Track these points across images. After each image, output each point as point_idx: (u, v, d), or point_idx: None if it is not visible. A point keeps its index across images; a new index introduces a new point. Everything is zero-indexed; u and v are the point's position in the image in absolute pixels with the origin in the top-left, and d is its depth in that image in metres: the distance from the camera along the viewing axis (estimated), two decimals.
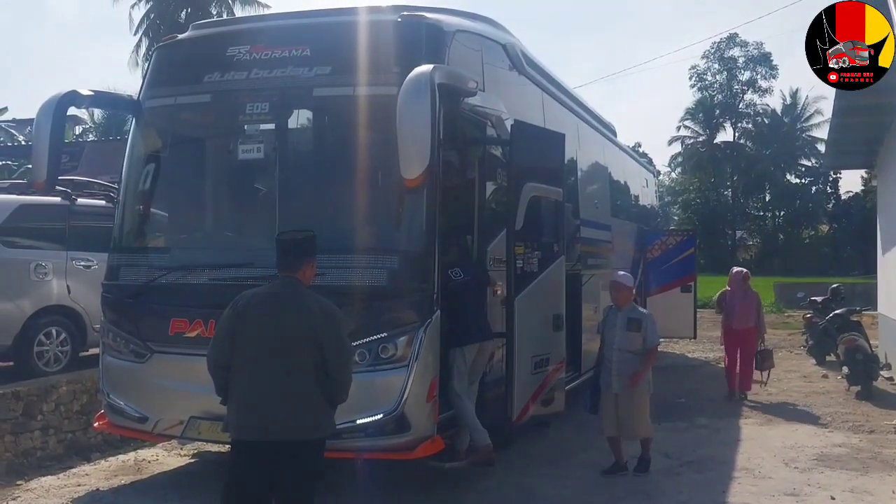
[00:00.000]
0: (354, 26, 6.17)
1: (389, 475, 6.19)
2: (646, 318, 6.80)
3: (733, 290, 10.62)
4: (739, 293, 10.55)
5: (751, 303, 10.52)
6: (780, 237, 54.84)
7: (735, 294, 10.59)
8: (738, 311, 10.47)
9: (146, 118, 6.74)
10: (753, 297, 10.60)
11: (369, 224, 6.01)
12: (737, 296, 10.56)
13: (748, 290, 10.61)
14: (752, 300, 10.56)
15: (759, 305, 10.64)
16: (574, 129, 9.32)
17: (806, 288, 20.32)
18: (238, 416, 4.08)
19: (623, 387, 6.63)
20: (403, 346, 5.51)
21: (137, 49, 33.49)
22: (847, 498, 6.23)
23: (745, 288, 10.60)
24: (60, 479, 6.88)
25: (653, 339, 6.77)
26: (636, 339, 6.66)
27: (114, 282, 6.52)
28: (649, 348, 6.74)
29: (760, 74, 55.67)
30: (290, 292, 4.12)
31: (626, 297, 6.85)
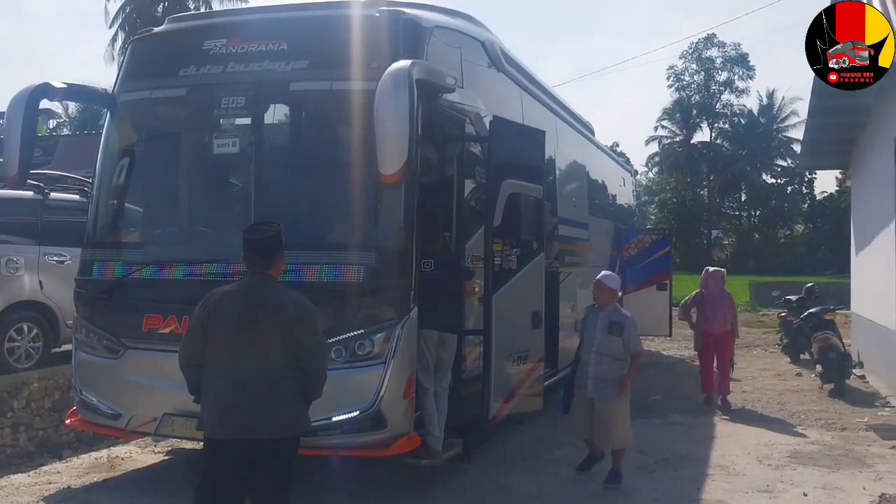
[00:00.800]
0: (332, 21, 6.13)
1: (365, 472, 6.16)
2: (628, 322, 6.52)
3: (711, 292, 9.99)
4: (718, 295, 9.98)
5: (728, 305, 10.02)
6: (756, 237, 55.38)
7: (714, 296, 9.97)
8: (718, 314, 9.85)
9: (121, 112, 6.65)
10: (729, 299, 10.18)
11: (346, 220, 5.97)
12: (716, 298, 9.94)
13: (724, 291, 10.15)
14: (729, 302, 10.12)
15: (734, 307, 10.24)
16: (552, 127, 9.33)
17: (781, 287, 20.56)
18: (212, 414, 4.03)
19: (601, 392, 6.41)
20: (380, 343, 5.49)
21: (113, 43, 33.24)
22: (819, 494, 6.29)
23: (723, 289, 10.13)
24: (31, 476, 6.79)
25: (636, 345, 6.53)
26: (616, 344, 6.43)
27: (87, 277, 6.44)
28: (633, 355, 6.51)
29: (737, 75, 56.30)
30: (263, 288, 4.08)
31: (609, 298, 6.61)
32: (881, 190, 11.23)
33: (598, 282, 6.71)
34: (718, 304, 9.89)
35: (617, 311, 6.62)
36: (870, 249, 12.66)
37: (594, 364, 6.46)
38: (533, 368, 6.96)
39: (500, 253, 6.47)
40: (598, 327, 6.50)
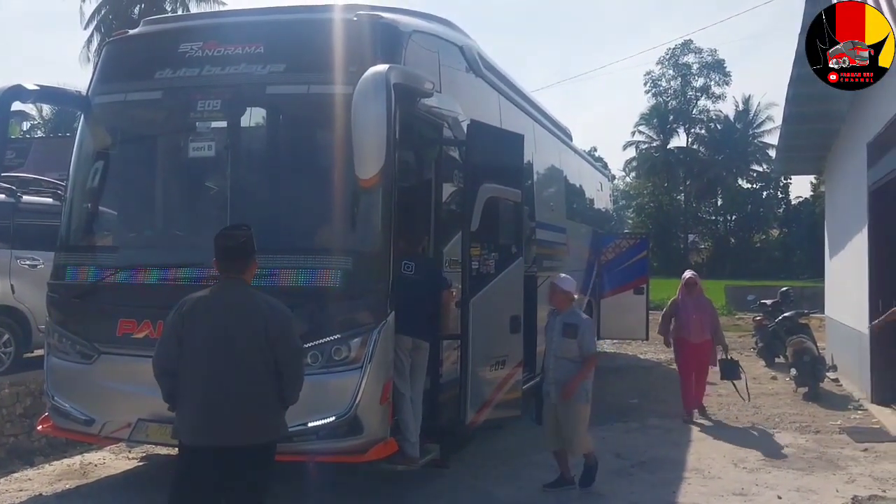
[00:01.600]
0: (310, 24, 6.11)
1: (341, 478, 6.13)
2: (583, 324, 6.42)
3: (683, 298, 9.45)
4: (692, 301, 9.41)
5: (706, 312, 9.43)
6: (732, 241, 55.80)
7: (687, 302, 9.41)
8: (693, 322, 9.29)
9: (95, 115, 6.58)
10: (708, 305, 9.59)
11: (323, 224, 5.93)
12: (689, 304, 9.38)
13: (702, 297, 9.58)
14: (708, 308, 9.52)
15: (715, 314, 9.72)
16: (530, 132, 9.34)
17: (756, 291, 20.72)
18: (188, 421, 4.00)
19: (559, 396, 6.35)
20: (357, 348, 5.46)
21: (88, 44, 32.84)
22: (793, 497, 6.35)
23: (698, 294, 9.53)
24: (2, 484, 6.70)
25: (589, 347, 6.38)
26: (572, 346, 6.33)
27: (60, 281, 6.36)
28: (586, 356, 6.36)
29: (714, 81, 56.69)
30: (236, 293, 4.05)
31: (563, 301, 6.52)
32: (854, 195, 11.38)
33: (553, 285, 6.67)
34: (693, 310, 9.33)
35: (573, 313, 6.53)
36: (843, 254, 12.82)
37: (553, 369, 6.45)
38: (511, 373, 6.94)
39: (478, 257, 6.47)
40: (555, 331, 6.47)
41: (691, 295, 9.43)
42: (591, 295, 13.26)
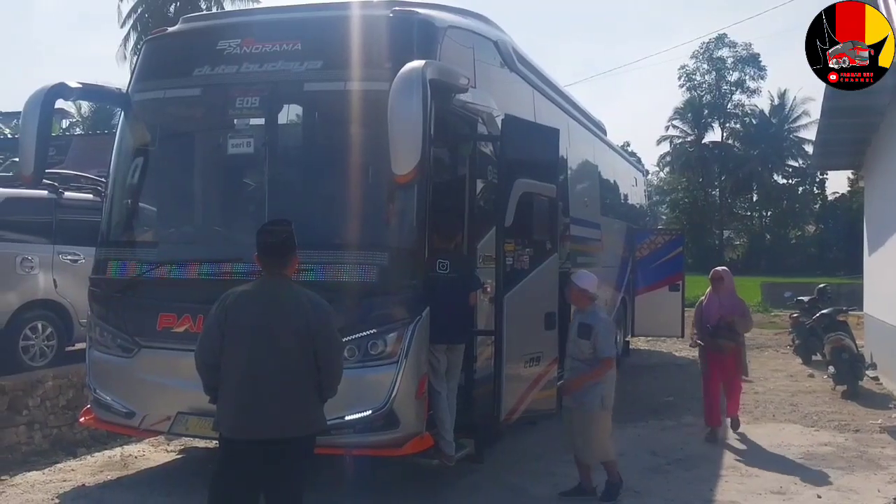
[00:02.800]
0: (346, 21, 6.14)
1: (377, 471, 6.17)
2: (599, 324, 6.01)
3: (711, 298, 8.38)
4: (718, 300, 8.28)
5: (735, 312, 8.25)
6: (767, 237, 55.15)
7: (713, 302, 8.31)
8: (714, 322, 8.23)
9: (135, 111, 6.68)
10: (738, 304, 8.38)
11: (359, 220, 5.97)
12: (715, 304, 8.27)
13: (732, 296, 8.40)
14: (738, 308, 8.32)
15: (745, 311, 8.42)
16: (564, 126, 9.31)
17: (793, 288, 20.41)
18: (229, 414, 4.05)
19: (575, 401, 6.07)
20: (393, 343, 5.49)
21: (125, 42, 33.33)
22: (833, 496, 6.26)
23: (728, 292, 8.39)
24: (46, 474, 6.84)
25: (603, 350, 5.94)
26: (586, 347, 5.98)
27: (101, 276, 6.47)
28: (600, 358, 5.95)
29: (749, 75, 56.07)
30: (278, 288, 4.10)
31: (579, 299, 6.19)
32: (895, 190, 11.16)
33: (569, 281, 6.39)
34: (718, 310, 8.19)
35: (590, 312, 6.13)
36: (883, 250, 12.58)
37: (569, 370, 6.24)
38: (546, 370, 6.90)
39: (513, 253, 6.46)
40: (572, 331, 6.22)
41: (718, 293, 8.29)
42: (625, 292, 13.19)
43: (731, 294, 8.36)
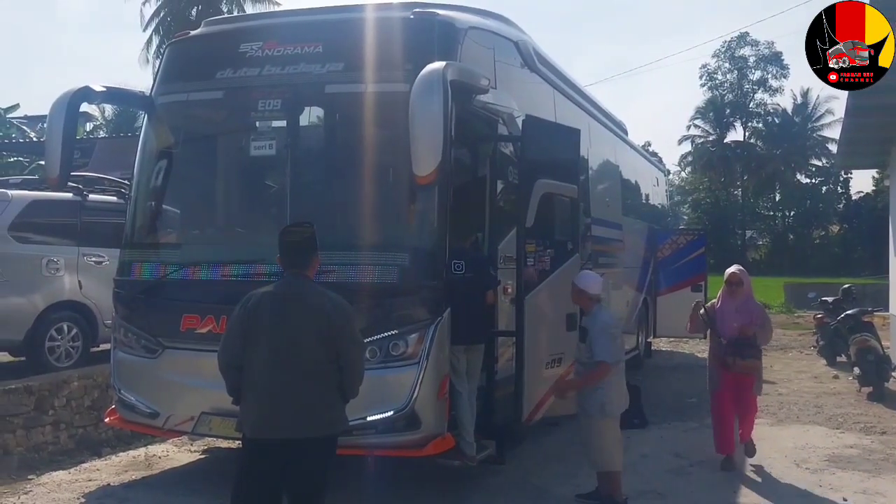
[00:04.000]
0: (367, 23, 6.17)
1: (399, 472, 6.18)
2: (594, 326, 5.74)
3: (724, 304, 7.07)
4: (733, 307, 7.00)
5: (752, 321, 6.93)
6: (791, 237, 54.66)
7: (727, 309, 7.01)
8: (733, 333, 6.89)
9: (158, 114, 6.74)
10: (757, 313, 7.08)
11: (380, 221, 5.99)
12: (729, 312, 6.98)
13: (750, 302, 7.11)
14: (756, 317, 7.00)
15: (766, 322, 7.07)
16: (585, 126, 9.28)
17: (816, 288, 20.23)
18: (252, 415, 4.08)
19: (579, 406, 5.88)
20: (414, 344, 5.50)
21: (148, 46, 33.60)
22: (859, 499, 6.19)
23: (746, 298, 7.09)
24: (72, 473, 6.91)
25: (598, 353, 5.65)
26: (584, 351, 5.79)
27: (125, 277, 6.53)
28: (597, 362, 5.67)
29: (771, 74, 55.62)
30: (300, 289, 4.12)
31: (579, 300, 5.97)
32: None
33: (572, 282, 6.15)
34: (733, 319, 6.96)
35: (591, 314, 5.87)
36: None
37: (575, 374, 6.09)
38: (568, 371, 6.85)
39: (534, 254, 6.46)
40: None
41: (734, 298, 7.00)
42: (647, 292, 13.12)
43: (749, 299, 7.10)
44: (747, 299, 7.06)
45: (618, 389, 5.82)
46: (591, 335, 5.74)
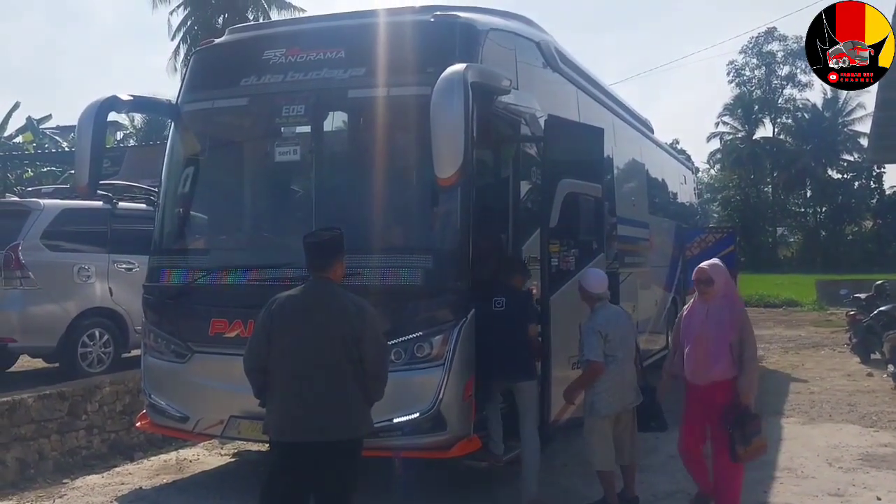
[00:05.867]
0: (388, 27, 6.20)
1: (426, 473, 6.20)
2: (586, 325, 5.75)
3: (694, 310, 5.75)
4: (703, 313, 5.59)
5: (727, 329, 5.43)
6: (823, 234, 53.95)
7: (696, 317, 5.65)
8: (700, 348, 5.51)
9: (184, 122, 6.83)
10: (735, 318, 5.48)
11: (404, 224, 6.03)
12: (698, 319, 5.61)
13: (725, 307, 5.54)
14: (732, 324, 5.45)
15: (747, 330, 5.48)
16: (610, 125, 9.24)
17: (849, 285, 19.89)
18: (278, 418, 4.12)
19: None
20: (439, 345, 5.52)
21: (176, 54, 34.05)
22: (893, 499, 6.11)
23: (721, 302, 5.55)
24: (105, 477, 7.02)
25: (585, 352, 5.65)
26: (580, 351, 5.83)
27: (154, 283, 6.62)
28: (585, 361, 5.67)
29: (800, 69, 54.84)
30: (324, 292, 4.16)
31: (585, 299, 5.96)
32: None
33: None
34: (701, 327, 5.55)
35: (590, 314, 5.89)
36: None
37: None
38: None
39: (558, 254, 6.43)
40: None
41: (705, 301, 5.60)
42: (675, 291, 13.01)
43: (726, 301, 5.57)
44: (722, 303, 5.54)
45: (611, 389, 5.72)
46: (581, 333, 5.77)
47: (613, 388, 5.73)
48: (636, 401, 5.93)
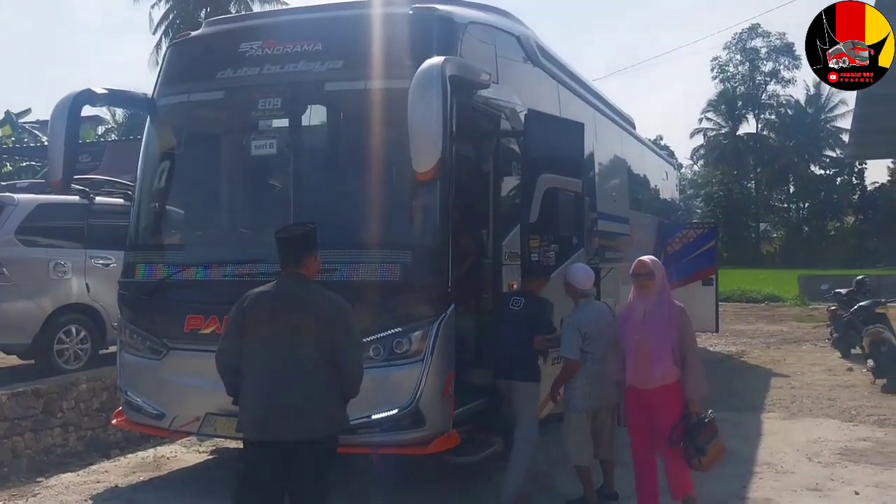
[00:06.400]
0: (366, 20, 6.13)
1: (405, 469, 6.15)
2: (564, 322, 5.81)
3: (632, 307, 5.36)
4: (640, 311, 5.23)
5: (666, 327, 5.13)
6: (805, 229, 54.40)
7: (634, 314, 5.27)
8: (641, 349, 5.16)
9: (160, 116, 6.75)
10: (674, 316, 5.19)
11: (383, 218, 5.95)
12: (636, 317, 5.24)
13: (664, 303, 5.23)
14: (672, 322, 5.15)
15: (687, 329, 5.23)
16: (591, 121, 9.21)
17: (831, 280, 20.08)
18: (250, 416, 4.06)
19: None
20: (418, 341, 5.47)
21: (157, 48, 33.80)
22: (872, 493, 6.12)
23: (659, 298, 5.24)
24: (80, 476, 6.92)
25: (562, 349, 5.69)
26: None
27: (130, 279, 6.54)
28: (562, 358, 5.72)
29: (783, 65, 55.40)
30: (296, 288, 4.09)
31: (570, 294, 5.94)
32: None
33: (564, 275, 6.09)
34: (641, 327, 5.20)
35: (573, 309, 5.88)
36: None
37: None
38: None
39: (538, 249, 6.41)
40: None
41: (644, 297, 5.25)
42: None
43: (665, 300, 5.26)
44: (660, 300, 5.21)
45: (588, 386, 5.67)
46: (561, 329, 5.76)
47: (591, 384, 5.70)
48: (618, 398, 5.88)
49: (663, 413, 5.13)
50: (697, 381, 5.11)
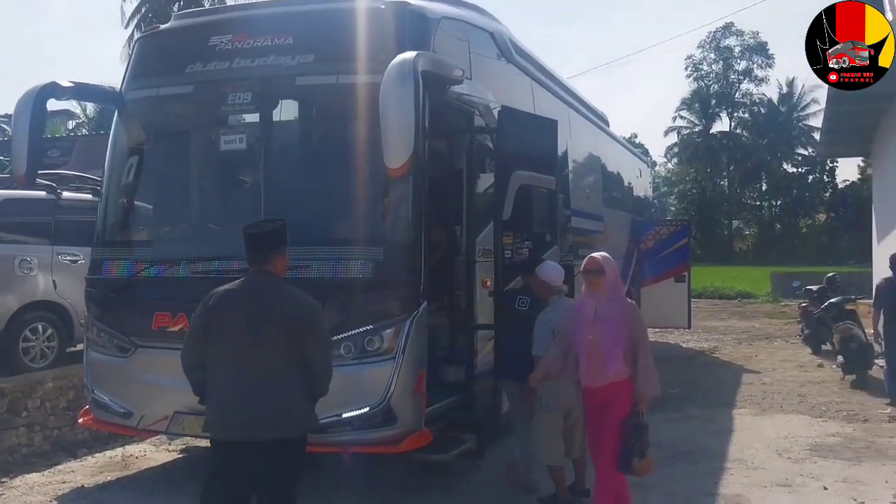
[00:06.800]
0: (338, 14, 6.07)
1: (378, 469, 6.11)
2: (539, 321, 5.67)
3: (584, 304, 5.22)
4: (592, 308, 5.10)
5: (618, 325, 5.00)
6: (777, 227, 54.94)
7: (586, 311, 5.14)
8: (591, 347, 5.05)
9: (128, 110, 6.64)
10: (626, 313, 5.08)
11: (354, 215, 5.89)
12: (588, 314, 5.12)
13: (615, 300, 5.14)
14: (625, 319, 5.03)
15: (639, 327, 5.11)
16: (565, 118, 9.22)
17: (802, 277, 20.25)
18: (217, 416, 3.99)
19: None
20: (390, 339, 5.43)
21: (129, 43, 33.29)
22: (840, 488, 6.17)
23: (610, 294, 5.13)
24: (45, 476, 6.80)
25: (534, 348, 5.60)
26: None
27: (97, 276, 6.43)
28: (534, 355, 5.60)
29: (756, 64, 55.78)
30: (263, 286, 4.01)
31: (542, 292, 5.86)
32: None
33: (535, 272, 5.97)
34: (592, 324, 5.08)
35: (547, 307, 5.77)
36: (892, 238, 12.46)
37: None
38: None
39: (511, 246, 6.38)
40: None
41: (595, 294, 5.14)
42: (630, 283, 13.10)
43: (617, 297, 5.20)
44: (611, 297, 5.12)
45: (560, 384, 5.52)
46: (535, 328, 5.66)
47: (563, 383, 5.59)
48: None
49: (613, 408, 5.00)
50: (649, 380, 5.00)
